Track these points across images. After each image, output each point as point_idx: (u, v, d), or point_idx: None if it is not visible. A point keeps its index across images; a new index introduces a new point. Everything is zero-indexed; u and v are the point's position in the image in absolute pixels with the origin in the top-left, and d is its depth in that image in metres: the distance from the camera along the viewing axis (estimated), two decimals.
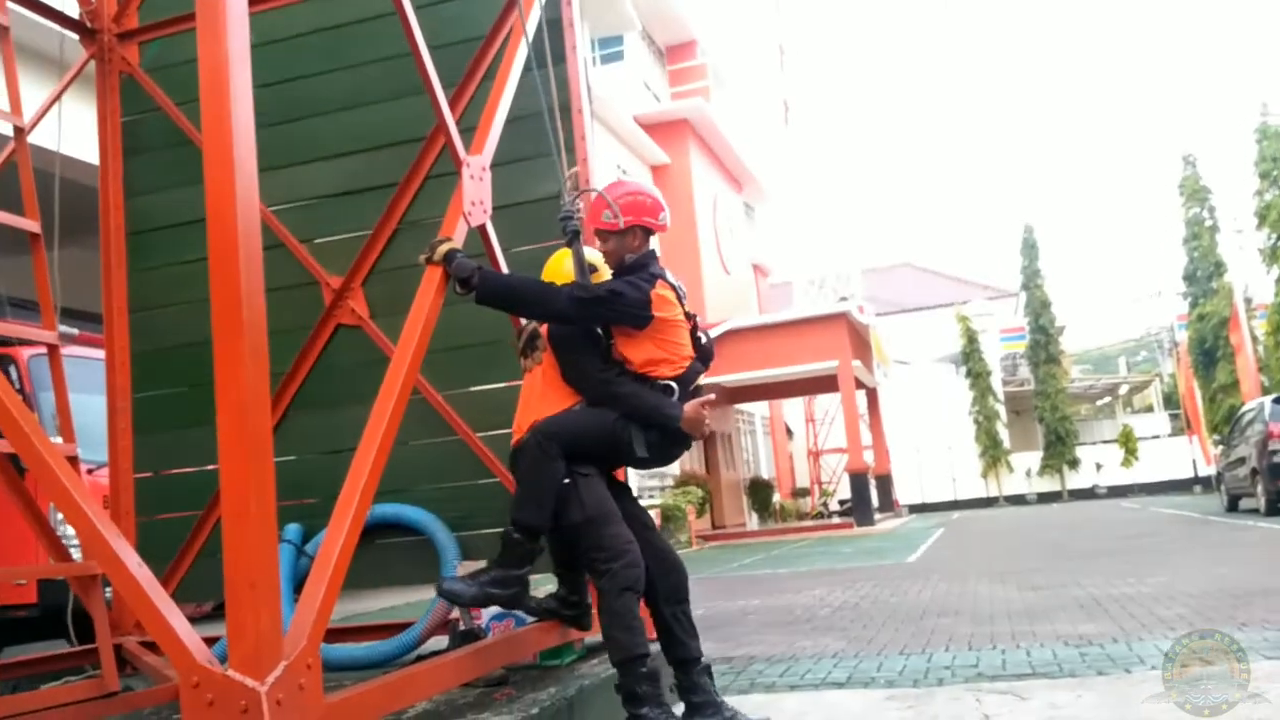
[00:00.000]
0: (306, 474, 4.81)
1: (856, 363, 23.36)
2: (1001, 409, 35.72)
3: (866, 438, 26.24)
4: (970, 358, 35.84)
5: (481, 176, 3.69)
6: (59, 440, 4.13)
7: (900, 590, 8.91)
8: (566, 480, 3.35)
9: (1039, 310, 35.92)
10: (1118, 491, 33.33)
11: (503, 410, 4.72)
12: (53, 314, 4.28)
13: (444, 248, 3.38)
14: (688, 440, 3.52)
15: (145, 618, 2.45)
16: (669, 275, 3.60)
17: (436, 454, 4.80)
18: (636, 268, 3.57)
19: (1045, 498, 34.29)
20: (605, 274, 3.65)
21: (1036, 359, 35.72)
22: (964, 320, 35.91)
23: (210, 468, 4.79)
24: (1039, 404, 35.45)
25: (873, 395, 28.11)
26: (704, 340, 3.67)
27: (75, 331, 7.57)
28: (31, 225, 4.24)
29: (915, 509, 32.86)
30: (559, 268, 3.73)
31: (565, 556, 3.66)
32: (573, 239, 3.68)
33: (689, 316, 3.62)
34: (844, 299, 26.53)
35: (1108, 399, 44.65)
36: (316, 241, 4.96)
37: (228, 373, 2.39)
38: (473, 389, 4.80)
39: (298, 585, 4.45)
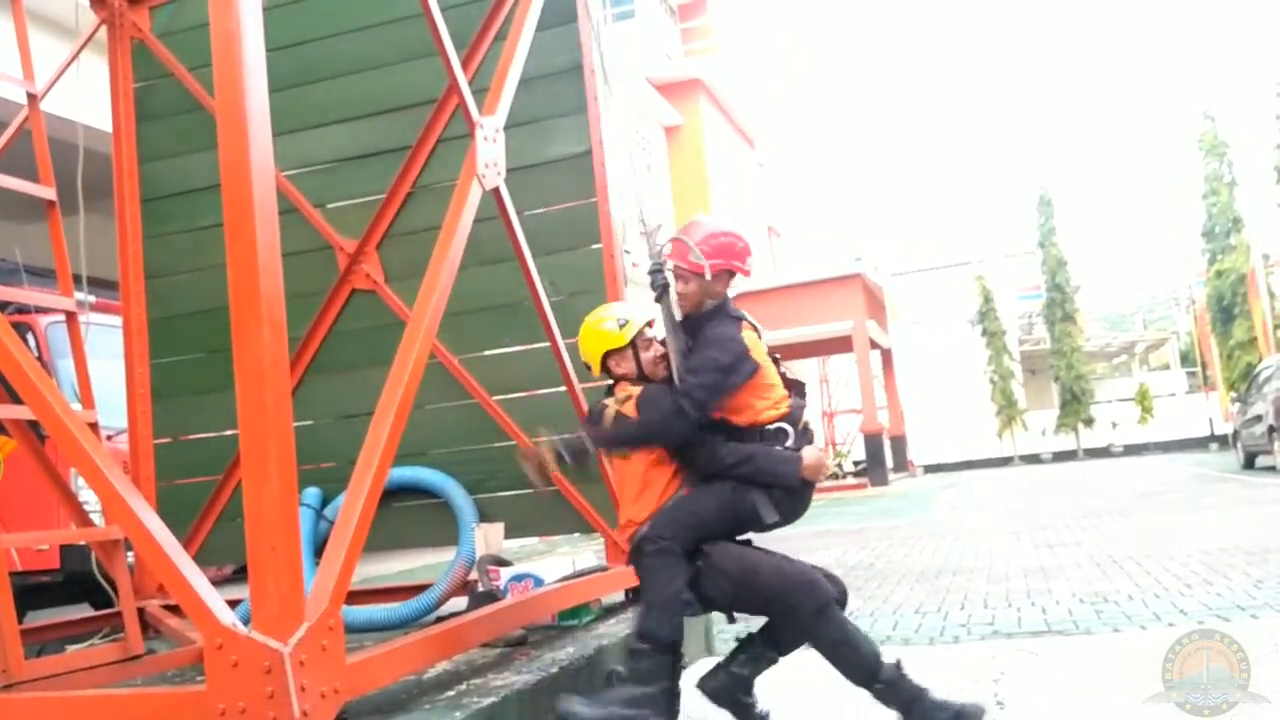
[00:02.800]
0: (323, 439, 4.85)
1: (871, 323, 23.29)
2: (1017, 368, 35.57)
3: (881, 398, 26.21)
4: (986, 317, 35.65)
5: (495, 138, 3.67)
6: (78, 407, 4.15)
7: (915, 549, 8.94)
8: (687, 598, 3.01)
9: (1055, 268, 35.64)
10: (1133, 450, 33.24)
11: (519, 373, 4.75)
12: (70, 281, 4.29)
13: (547, 446, 3.20)
14: (813, 488, 3.24)
15: (168, 580, 2.49)
16: (749, 317, 3.38)
17: (453, 418, 4.82)
18: (716, 313, 3.32)
19: (1060, 456, 34.22)
20: (633, 328, 3.35)
21: (1052, 317, 35.49)
22: (980, 279, 35.71)
23: (229, 433, 4.83)
24: (1055, 362, 35.27)
25: (887, 356, 28.04)
26: (788, 374, 3.40)
27: (92, 298, 7.61)
28: (47, 192, 4.24)
29: (930, 469, 32.85)
30: (596, 330, 3.41)
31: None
32: (662, 294, 3.46)
33: (773, 356, 3.38)
34: (859, 259, 26.37)
35: (1124, 357, 44.43)
36: (330, 206, 4.97)
37: (245, 338, 2.40)
38: (489, 353, 4.81)
39: (318, 549, 4.50)
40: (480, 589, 4.01)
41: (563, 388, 4.55)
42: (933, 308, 35.14)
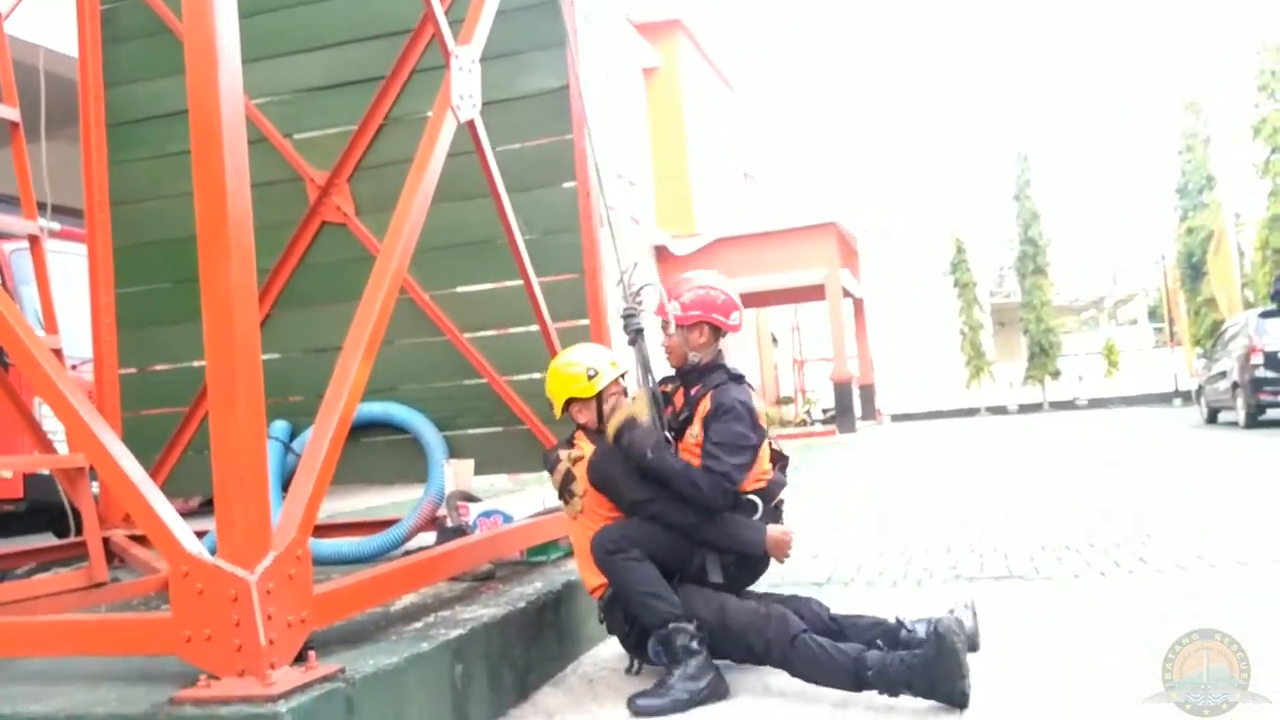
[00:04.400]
0: (292, 372, 4.81)
1: (845, 272, 23.32)
2: (987, 320, 35.82)
3: (851, 347, 26.34)
4: (958, 268, 35.78)
5: (471, 69, 3.60)
6: (43, 334, 4.09)
7: (880, 495, 9.04)
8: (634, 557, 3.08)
9: (1029, 221, 35.71)
10: (1098, 403, 33.63)
11: (491, 311, 4.72)
12: (33, 205, 4.20)
13: (624, 415, 3.25)
14: (767, 562, 3.29)
15: (133, 508, 2.47)
16: (743, 376, 3.39)
17: (424, 354, 4.78)
18: (707, 371, 3.35)
19: (1026, 408, 34.56)
20: (602, 380, 3.37)
21: (1024, 270, 35.63)
22: (954, 231, 35.77)
23: (197, 364, 4.77)
24: (1024, 315, 35.48)
25: (859, 305, 28.13)
26: (775, 445, 3.44)
27: (57, 226, 7.46)
28: (10, 113, 4.14)
29: (897, 418, 33.14)
30: (564, 374, 3.42)
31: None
32: (636, 338, 3.49)
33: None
34: (833, 208, 26.32)
35: (1093, 312, 44.84)
36: (300, 136, 4.87)
37: (213, 266, 2.36)
38: (459, 289, 4.76)
39: (285, 482, 4.47)
40: (449, 525, 4.02)
41: (535, 326, 4.53)
42: (906, 258, 35.21)
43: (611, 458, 3.25)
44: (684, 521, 3.15)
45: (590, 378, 3.37)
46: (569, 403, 3.41)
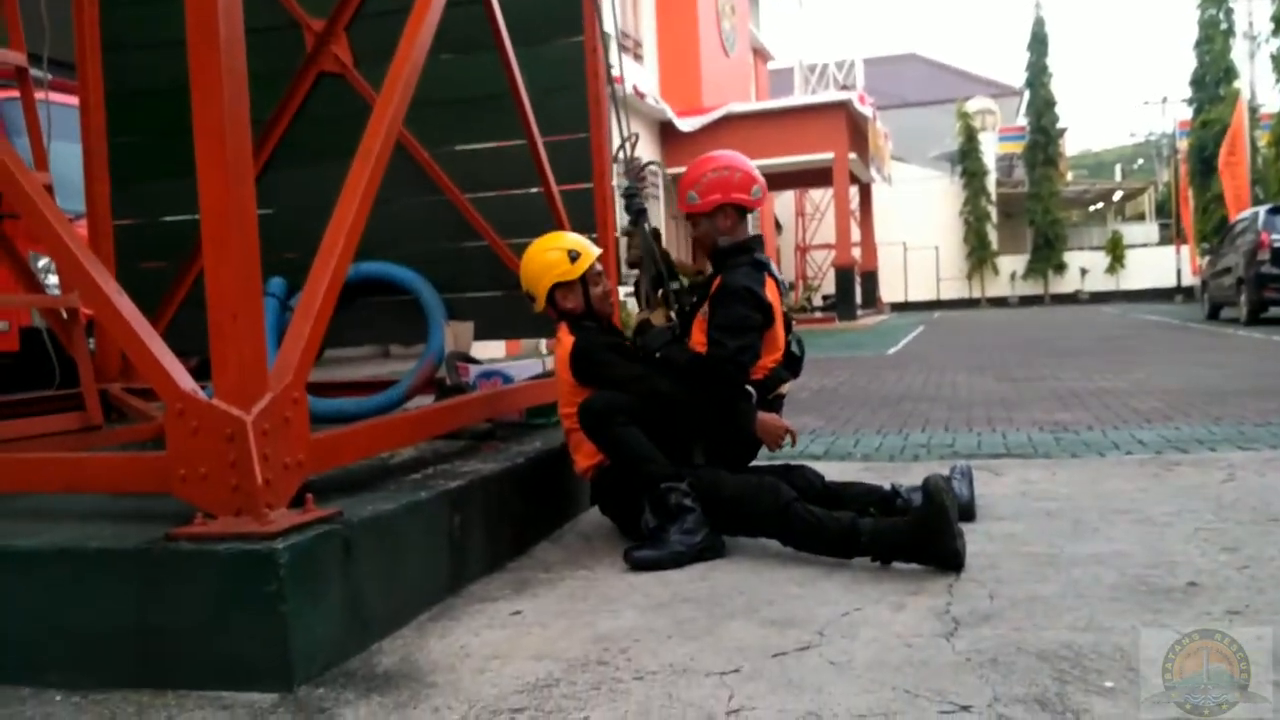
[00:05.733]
0: (288, 228, 4.65)
1: (853, 156, 22.95)
2: (993, 210, 35.48)
3: (856, 234, 26.11)
4: (967, 156, 35.27)
5: None
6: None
7: (878, 379, 9.05)
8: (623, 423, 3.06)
9: (1042, 110, 35.10)
10: (1100, 298, 33.61)
11: (492, 170, 4.60)
12: (20, 33, 4.03)
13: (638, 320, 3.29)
14: (757, 447, 3.25)
15: (128, 345, 2.42)
16: (772, 266, 3.28)
17: (423, 214, 4.68)
18: (735, 252, 3.24)
19: (1027, 301, 34.57)
20: (586, 261, 3.26)
21: (1034, 160, 35.17)
22: (965, 117, 35.14)
23: (193, 217, 4.66)
24: (1031, 206, 35.17)
25: (865, 191, 27.79)
26: (794, 346, 3.33)
27: (49, 76, 7.23)
28: None
29: (897, 307, 33.12)
30: (542, 257, 3.31)
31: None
32: (637, 218, 3.37)
33: (787, 318, 3.32)
34: (845, 88, 25.75)
35: (1100, 205, 44.37)
36: None
37: (205, 95, 2.26)
38: (459, 147, 4.63)
39: (281, 338, 4.42)
40: (448, 384, 3.98)
41: (537, 188, 4.42)
42: (916, 144, 34.64)
43: (592, 344, 3.21)
44: (669, 394, 3.11)
45: (573, 260, 3.26)
46: (552, 292, 3.29)
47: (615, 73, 4.34)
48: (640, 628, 2.39)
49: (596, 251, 3.35)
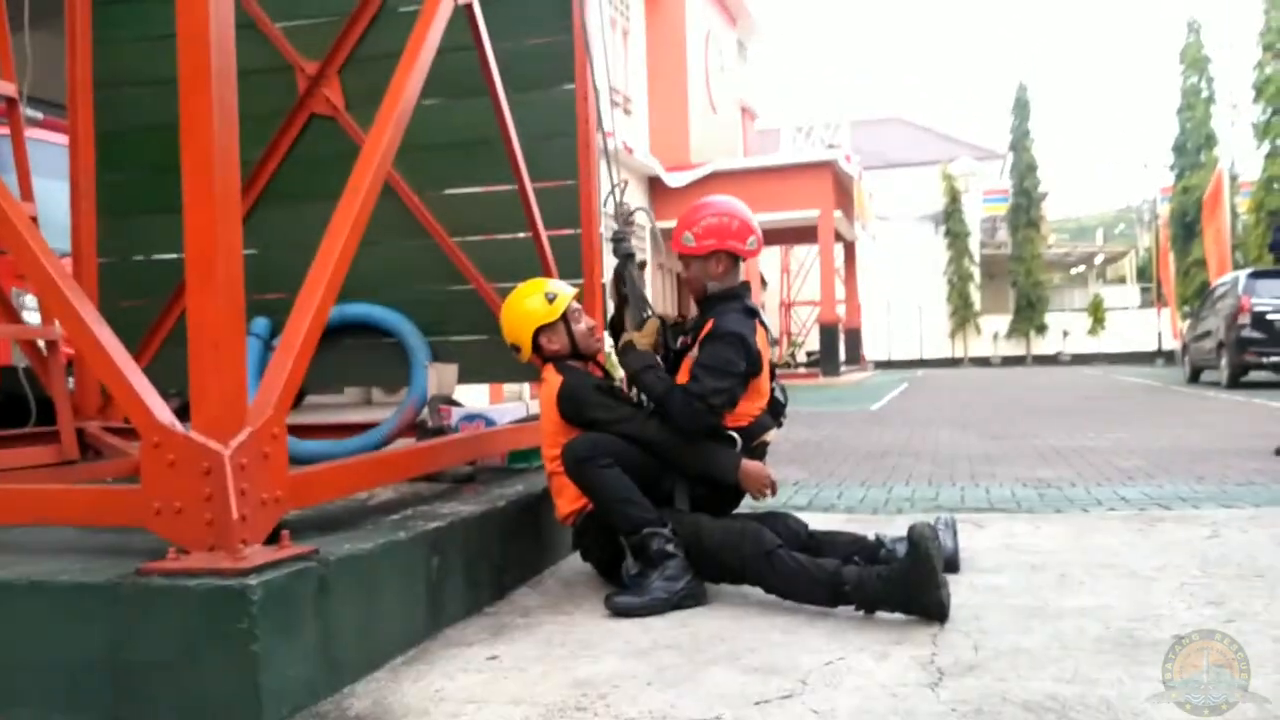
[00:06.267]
0: (274, 268, 4.66)
1: (838, 214, 23.15)
2: (976, 271, 35.84)
3: (840, 291, 26.27)
4: (951, 217, 35.69)
5: None
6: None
7: (862, 433, 9.04)
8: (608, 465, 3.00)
9: (1024, 173, 35.63)
10: (1081, 359, 33.84)
11: (481, 215, 4.60)
12: (10, 63, 4.03)
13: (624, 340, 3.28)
14: (740, 496, 3.21)
15: (106, 376, 2.39)
16: (762, 314, 3.29)
17: (410, 256, 4.67)
18: (724, 298, 3.23)
19: (1009, 361, 34.77)
20: (563, 301, 3.28)
21: (1017, 222, 35.63)
22: (949, 178, 35.60)
23: (178, 256, 4.65)
24: (1014, 268, 35.55)
25: (850, 249, 27.99)
26: (778, 393, 3.33)
27: (40, 115, 7.24)
28: None
29: (881, 365, 33.25)
30: (520, 306, 3.32)
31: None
32: (625, 262, 3.38)
33: (771, 366, 3.31)
34: (831, 147, 26.06)
35: (1082, 268, 44.86)
36: (291, 24, 4.70)
37: (195, 125, 2.26)
38: (449, 191, 4.64)
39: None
40: (430, 426, 3.95)
41: (525, 233, 4.43)
42: (900, 204, 35.02)
43: (580, 384, 3.19)
44: (655, 439, 3.08)
45: (551, 300, 3.26)
46: (536, 337, 3.28)
47: (607, 127, 4.37)
48: (620, 673, 2.35)
49: (573, 291, 3.36)
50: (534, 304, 3.28)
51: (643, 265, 3.52)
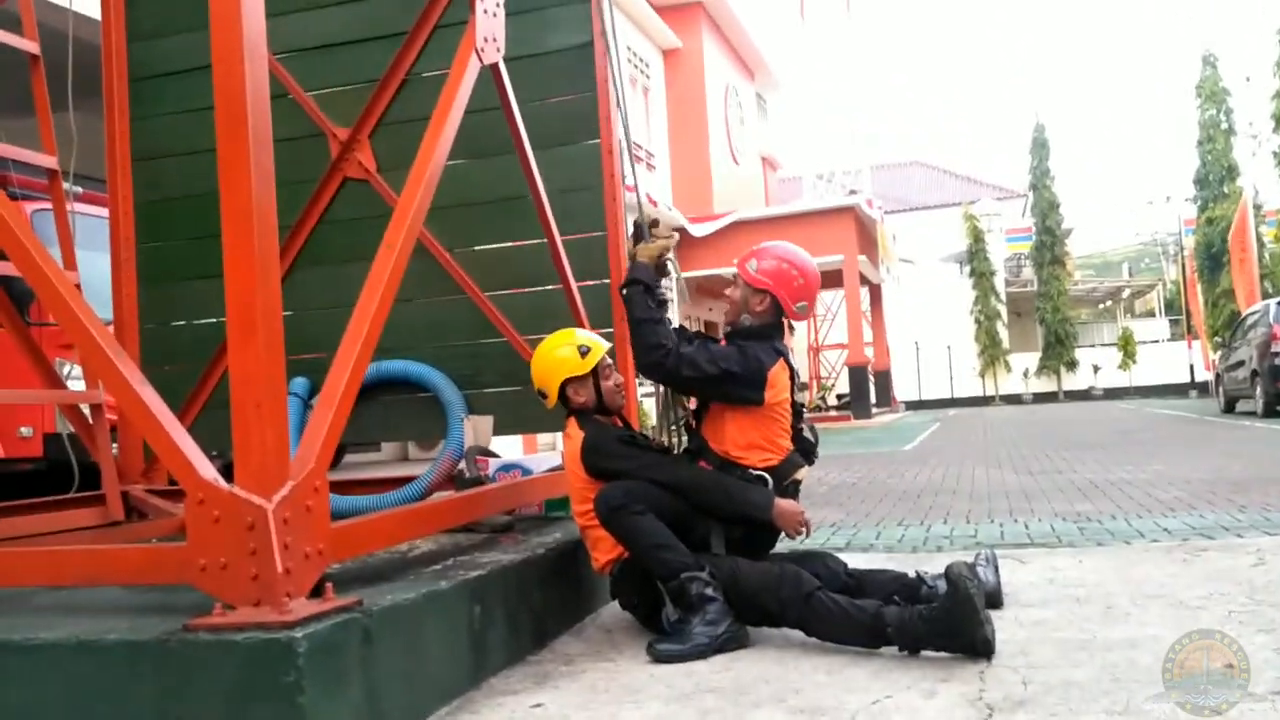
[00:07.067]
0: (311, 329, 4.75)
1: (862, 258, 23.19)
2: (1003, 309, 35.70)
3: (868, 334, 26.24)
4: (975, 257, 35.65)
5: (496, 13, 3.55)
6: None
7: (897, 473, 8.99)
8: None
9: (1046, 211, 35.62)
10: (1114, 394, 33.50)
11: (511, 269, 4.67)
12: (52, 137, 4.16)
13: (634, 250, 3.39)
14: (776, 535, 3.22)
15: (151, 435, 2.44)
16: (789, 356, 3.35)
17: (444, 312, 4.74)
18: (756, 335, 3.28)
19: (1041, 398, 34.48)
20: (596, 355, 3.29)
21: (1041, 260, 35.55)
22: (971, 219, 35.62)
23: (218, 320, 4.74)
24: (1041, 305, 35.40)
25: (876, 291, 28.00)
26: (807, 433, 3.36)
27: (79, 190, 7.42)
28: (30, 46, 4.10)
29: (911, 405, 33.04)
30: (552, 355, 3.34)
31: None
32: (638, 235, 3.47)
33: (797, 406, 3.34)
34: (853, 193, 26.18)
35: (1109, 303, 44.58)
36: (323, 91, 4.82)
37: (233, 184, 2.32)
38: (479, 247, 4.72)
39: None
40: (467, 476, 3.98)
41: (555, 285, 4.48)
42: (924, 246, 35.01)
43: (602, 437, 3.20)
44: (686, 482, 3.09)
45: (584, 355, 3.28)
46: (565, 385, 3.30)
47: (629, 181, 4.43)
48: (664, 718, 2.34)
49: (606, 346, 3.37)
50: (566, 353, 3.31)
51: (654, 224, 3.52)
